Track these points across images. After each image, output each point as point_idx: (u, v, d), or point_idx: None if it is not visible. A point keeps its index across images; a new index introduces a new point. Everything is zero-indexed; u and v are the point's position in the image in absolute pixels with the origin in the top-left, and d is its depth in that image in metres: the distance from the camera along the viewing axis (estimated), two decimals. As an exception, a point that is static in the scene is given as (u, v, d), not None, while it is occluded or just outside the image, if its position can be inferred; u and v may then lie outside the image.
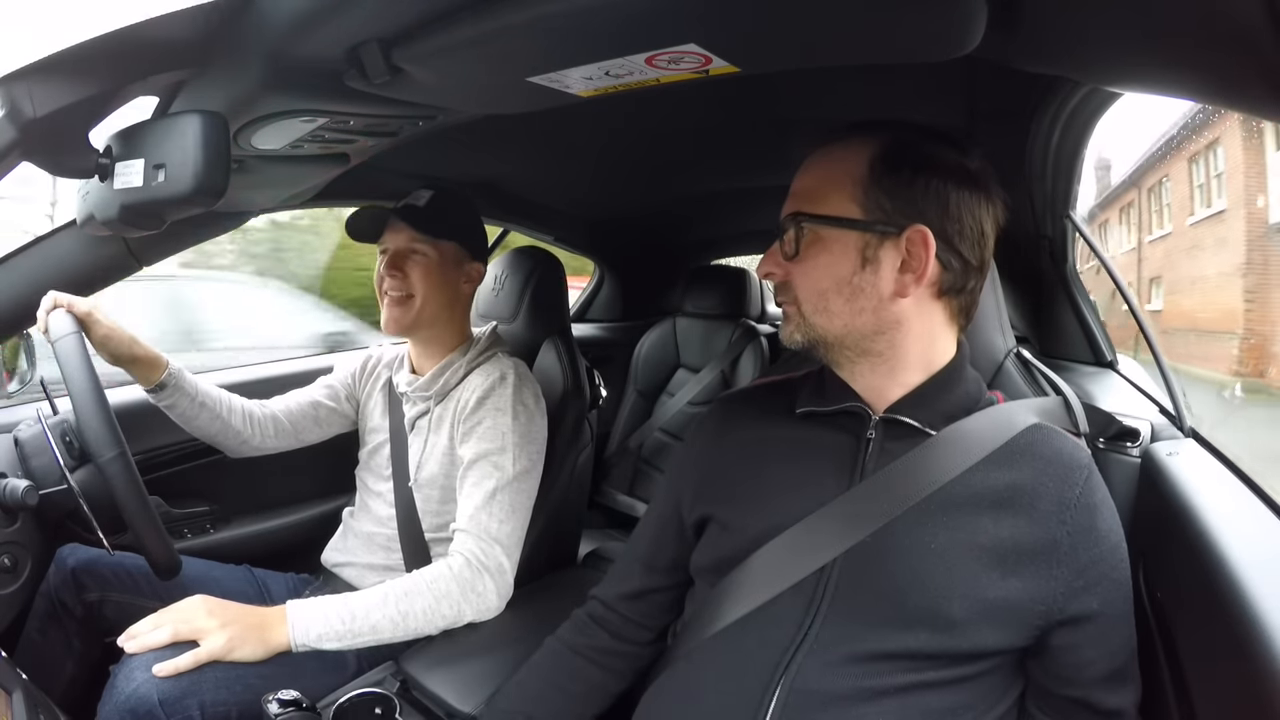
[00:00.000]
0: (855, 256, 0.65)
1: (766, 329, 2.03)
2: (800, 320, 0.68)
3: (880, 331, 0.67)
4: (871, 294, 0.65)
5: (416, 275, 1.09)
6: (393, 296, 1.09)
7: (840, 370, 0.71)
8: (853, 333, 0.67)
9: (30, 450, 1.09)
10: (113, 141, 0.61)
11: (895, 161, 0.65)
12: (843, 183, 0.66)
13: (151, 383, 1.06)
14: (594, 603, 0.84)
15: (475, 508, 1.02)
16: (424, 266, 1.09)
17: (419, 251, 1.09)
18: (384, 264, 1.10)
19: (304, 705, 0.77)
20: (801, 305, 0.68)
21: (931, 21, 0.53)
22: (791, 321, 0.69)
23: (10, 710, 0.62)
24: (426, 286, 1.09)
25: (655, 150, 1.38)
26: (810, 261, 0.67)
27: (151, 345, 1.06)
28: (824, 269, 0.66)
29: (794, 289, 0.68)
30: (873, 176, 0.65)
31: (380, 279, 1.11)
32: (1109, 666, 0.63)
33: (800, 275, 0.67)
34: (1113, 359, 1.17)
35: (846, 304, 0.66)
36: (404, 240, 1.09)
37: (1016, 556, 0.61)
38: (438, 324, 1.13)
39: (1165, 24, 0.44)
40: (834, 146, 0.69)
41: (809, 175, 0.69)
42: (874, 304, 0.66)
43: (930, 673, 0.61)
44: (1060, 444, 0.67)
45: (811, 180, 0.69)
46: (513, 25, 0.53)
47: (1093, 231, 1.13)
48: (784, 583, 0.65)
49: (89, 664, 1.02)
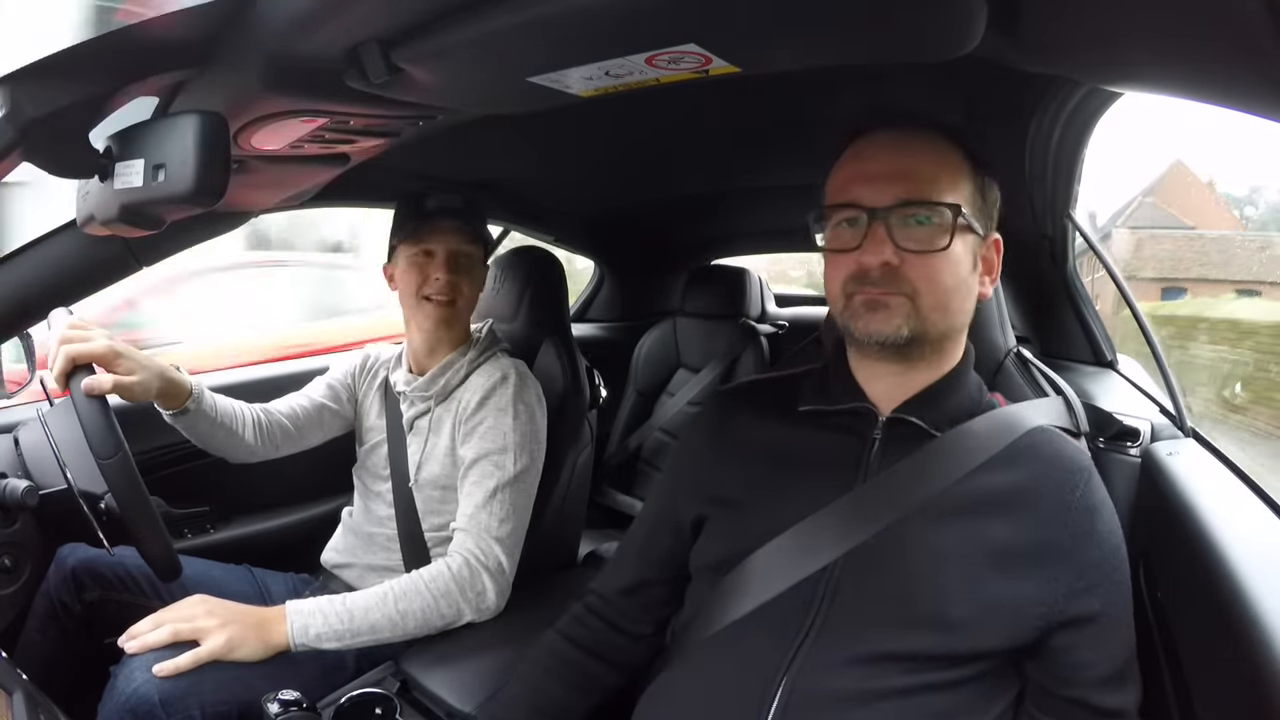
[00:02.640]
0: (972, 256, 0.66)
1: (767, 329, 2.03)
2: (912, 313, 0.64)
3: (962, 330, 0.69)
4: (973, 295, 0.67)
5: (467, 279, 1.11)
6: (442, 299, 1.09)
7: (874, 367, 0.70)
8: (952, 331, 0.68)
9: (30, 450, 1.09)
10: (113, 141, 0.61)
11: (983, 165, 0.67)
12: (959, 178, 0.65)
13: (175, 408, 1.03)
14: (592, 596, 0.85)
15: (475, 507, 1.02)
16: (471, 269, 1.11)
17: (469, 254, 1.11)
18: (436, 266, 1.09)
19: (304, 705, 0.77)
20: (920, 299, 0.63)
21: (931, 21, 0.53)
22: (898, 314, 0.64)
23: (10, 710, 0.62)
24: (471, 288, 1.11)
25: (655, 150, 1.38)
26: (944, 257, 0.63)
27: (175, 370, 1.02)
28: (953, 265, 0.64)
29: (910, 281, 0.63)
30: (975, 176, 0.66)
31: (421, 280, 1.09)
32: (1109, 667, 0.63)
33: (924, 268, 0.63)
34: (1113, 359, 1.17)
35: (962, 302, 0.67)
36: (455, 242, 1.09)
37: (1017, 558, 0.61)
38: (461, 324, 1.15)
39: (1165, 24, 0.44)
40: (926, 135, 0.66)
41: (914, 158, 0.65)
42: (973, 305, 0.68)
43: (931, 674, 0.61)
44: (1061, 446, 0.68)
45: (923, 166, 0.64)
46: (513, 25, 0.53)
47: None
48: (785, 582, 0.65)
49: (89, 664, 1.02)
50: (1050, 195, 1.05)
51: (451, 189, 1.14)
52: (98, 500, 1.01)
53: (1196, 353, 1.86)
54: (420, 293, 1.09)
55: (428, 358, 1.16)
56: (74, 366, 0.89)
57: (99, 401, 0.88)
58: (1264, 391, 1.61)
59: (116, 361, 0.91)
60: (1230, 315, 3.15)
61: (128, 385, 0.92)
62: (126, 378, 0.92)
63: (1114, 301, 1.18)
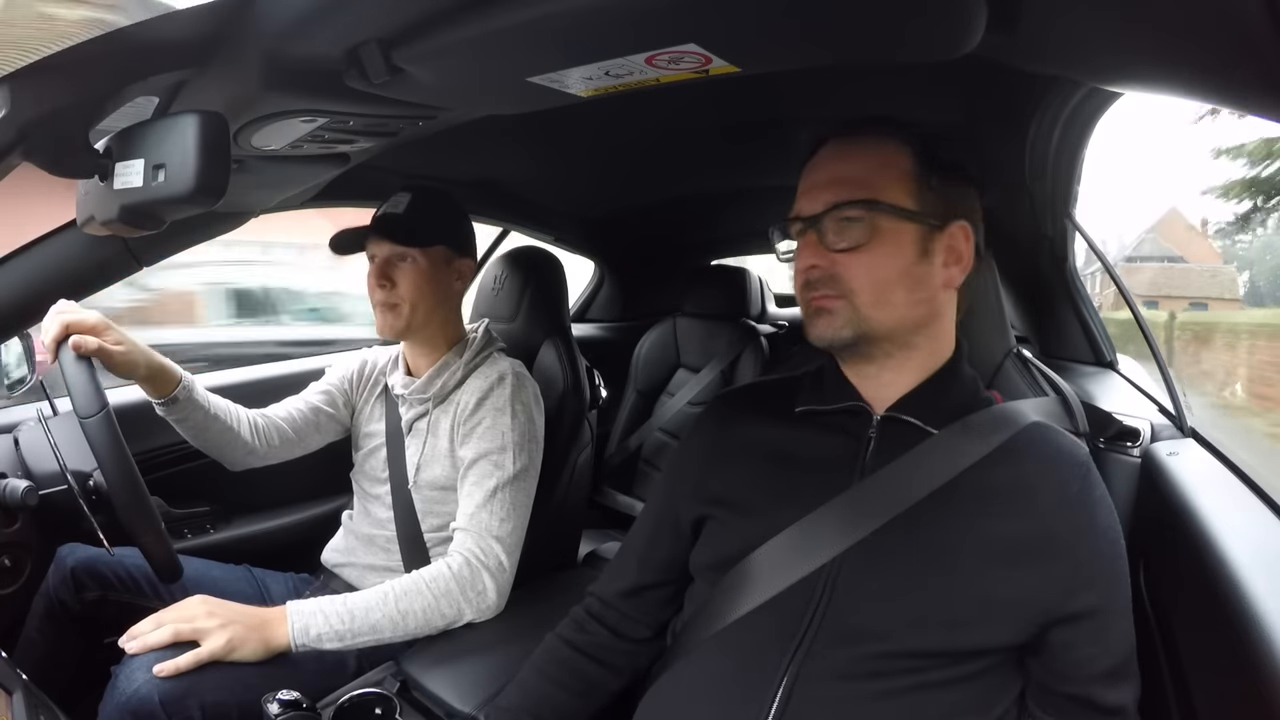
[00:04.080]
0: (915, 247, 0.66)
1: (766, 329, 2.03)
2: (852, 313, 0.65)
3: (927, 324, 0.68)
4: (929, 285, 0.67)
5: (405, 282, 1.08)
6: (383, 304, 1.09)
7: (851, 367, 0.71)
8: (906, 325, 0.67)
9: (30, 450, 1.09)
10: (113, 141, 0.61)
11: (935, 158, 0.67)
12: (894, 173, 0.66)
13: (163, 396, 1.03)
14: (592, 599, 0.84)
15: (475, 506, 1.02)
16: (412, 273, 1.08)
17: (406, 259, 1.08)
18: (372, 273, 1.09)
19: (304, 705, 0.77)
20: (856, 297, 0.65)
21: (931, 21, 0.53)
22: (838, 316, 0.66)
23: (10, 710, 0.62)
24: (415, 292, 1.09)
25: (655, 150, 1.38)
26: (870, 252, 0.65)
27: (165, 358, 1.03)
28: (886, 259, 0.65)
29: (844, 281, 0.65)
30: (920, 170, 0.66)
31: (370, 287, 1.09)
32: (1109, 663, 0.63)
33: (856, 266, 0.65)
34: (1113, 359, 1.17)
35: (907, 294, 0.66)
36: (389, 249, 1.08)
37: (1016, 553, 0.62)
38: (431, 325, 1.13)
39: (1165, 24, 0.44)
40: (866, 139, 0.68)
41: (850, 163, 0.67)
42: (929, 295, 0.67)
43: (932, 672, 0.61)
44: (1059, 441, 0.68)
45: (857, 169, 0.67)
46: (513, 25, 0.53)
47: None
48: (785, 581, 0.65)
49: (89, 664, 1.02)
50: (1050, 195, 1.05)
51: (450, 188, 1.13)
52: (88, 479, 1.02)
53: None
54: (370, 299, 1.10)
55: (415, 358, 1.16)
56: (66, 334, 0.91)
57: (84, 362, 0.90)
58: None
59: (106, 331, 0.94)
60: (1181, 319, 5.19)
61: (112, 352, 0.94)
62: (113, 346, 0.94)
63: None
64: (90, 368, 0.90)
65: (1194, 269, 5.71)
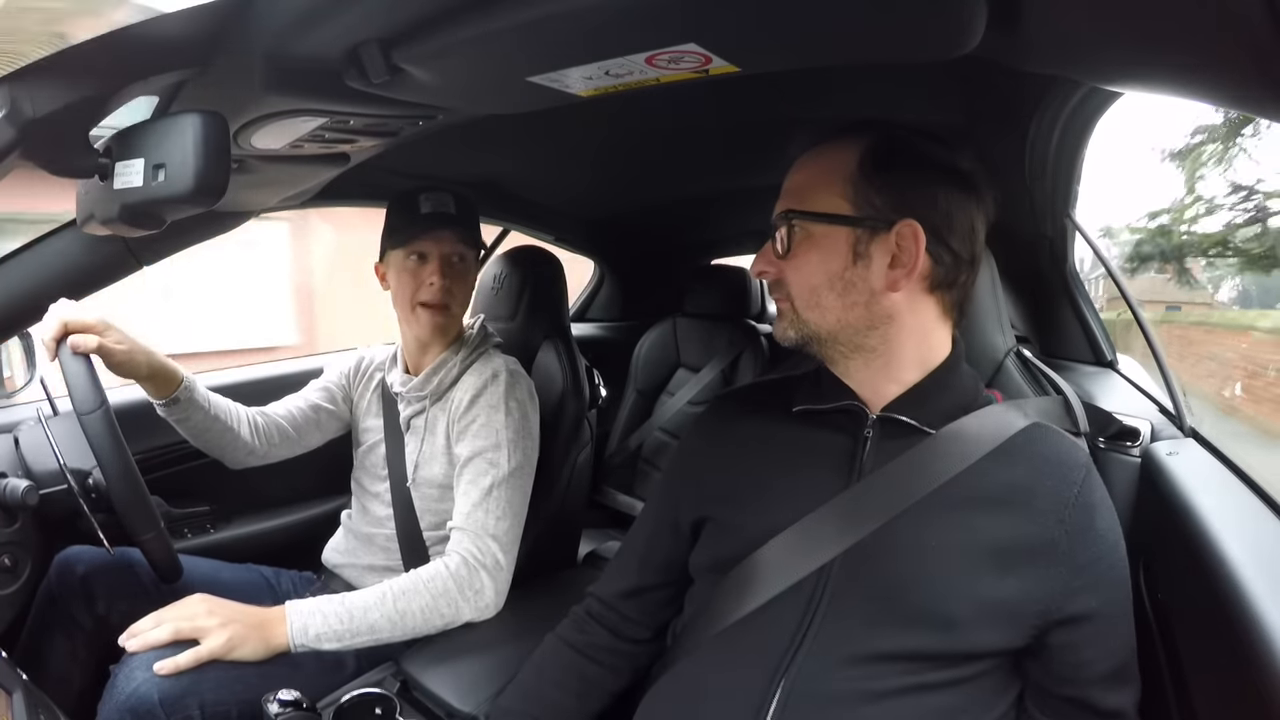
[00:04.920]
0: (846, 251, 0.66)
1: (766, 329, 2.03)
2: (793, 316, 0.69)
3: (873, 326, 0.67)
4: (863, 288, 0.66)
5: (460, 284, 1.11)
6: (436, 304, 1.09)
7: (835, 367, 0.72)
8: (845, 328, 0.67)
9: (30, 450, 1.09)
10: (113, 141, 0.61)
11: (884, 159, 0.66)
12: (832, 180, 0.66)
13: (164, 396, 1.03)
14: (592, 600, 0.84)
15: (472, 505, 1.02)
16: (465, 272, 1.11)
17: (463, 256, 1.10)
18: (430, 270, 1.08)
19: (304, 705, 0.77)
20: (794, 301, 0.69)
21: (931, 21, 0.53)
22: (785, 318, 0.70)
23: (10, 710, 0.62)
24: (467, 291, 1.12)
25: (655, 150, 1.38)
26: (802, 258, 0.67)
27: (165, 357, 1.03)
28: (816, 264, 0.67)
29: (787, 286, 0.69)
30: (862, 173, 0.65)
31: (415, 285, 1.08)
32: (1108, 666, 0.63)
33: (793, 272, 0.68)
34: (1113, 359, 1.17)
35: (838, 298, 0.66)
36: (448, 245, 1.09)
37: (1014, 556, 0.61)
38: (456, 326, 1.15)
39: (1165, 23, 0.44)
40: (825, 146, 0.69)
41: (799, 174, 0.70)
42: (865, 298, 0.66)
43: (929, 674, 0.61)
44: (1058, 443, 0.67)
45: (802, 178, 0.70)
46: (513, 25, 0.53)
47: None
48: (783, 583, 0.65)
49: (89, 664, 1.02)
50: (1050, 195, 1.05)
51: (449, 188, 1.13)
52: (87, 476, 1.02)
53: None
54: (415, 299, 1.09)
55: (421, 357, 1.16)
56: (65, 332, 0.91)
57: (83, 359, 0.90)
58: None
59: (106, 330, 0.94)
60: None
61: (112, 350, 0.94)
62: (113, 345, 0.94)
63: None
64: (89, 365, 0.90)
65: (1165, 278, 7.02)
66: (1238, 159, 5.32)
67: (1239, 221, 5.58)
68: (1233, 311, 7.21)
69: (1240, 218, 5.55)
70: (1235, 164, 5.33)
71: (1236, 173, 5.39)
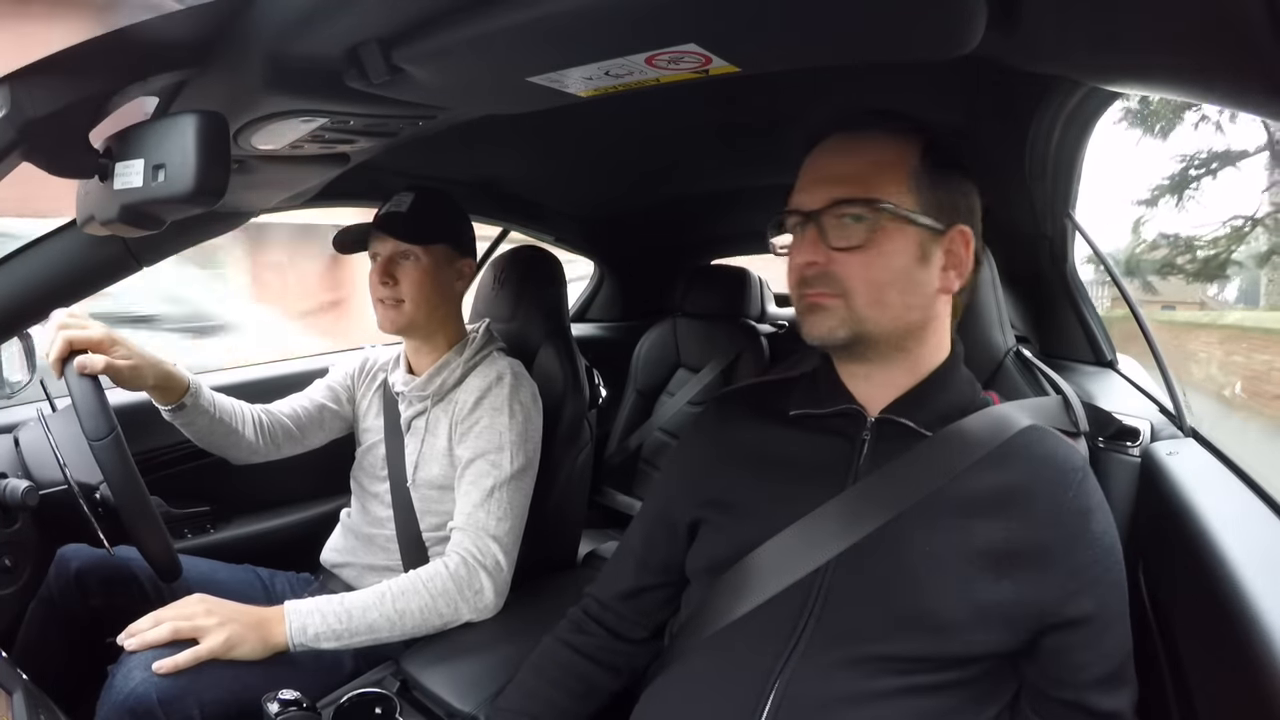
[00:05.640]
0: (915, 250, 0.64)
1: (766, 329, 2.03)
2: (847, 313, 0.64)
3: (921, 328, 0.67)
4: (925, 289, 0.65)
5: (407, 280, 1.09)
6: (385, 302, 1.09)
7: (848, 368, 0.71)
8: (900, 328, 0.66)
9: (30, 450, 1.09)
10: (113, 141, 0.61)
11: (942, 158, 0.65)
12: (897, 173, 0.64)
13: (171, 403, 1.03)
14: (590, 600, 0.84)
15: (473, 506, 1.02)
16: (415, 271, 1.09)
17: (409, 256, 1.09)
18: (375, 270, 1.09)
19: (304, 705, 0.77)
20: (852, 297, 0.64)
21: (931, 21, 0.53)
22: (833, 315, 0.64)
23: (10, 710, 0.62)
24: (417, 291, 1.09)
25: (655, 150, 1.38)
26: (869, 251, 0.63)
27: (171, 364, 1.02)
28: (884, 260, 0.63)
29: (841, 280, 0.64)
30: (924, 170, 0.64)
31: (372, 284, 1.10)
32: (1104, 669, 0.63)
33: (853, 265, 0.63)
34: (1113, 358, 1.17)
35: (901, 298, 0.64)
36: (392, 246, 1.08)
37: (1010, 559, 0.61)
38: (432, 323, 1.13)
39: (1165, 24, 0.44)
40: (873, 134, 0.66)
41: (852, 160, 0.65)
42: (924, 300, 0.66)
43: (924, 676, 0.61)
44: (1055, 446, 0.67)
45: (859, 166, 0.65)
46: (513, 25, 0.53)
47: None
48: (779, 585, 0.65)
49: (89, 664, 1.02)
50: (1050, 195, 1.05)
51: (450, 188, 1.13)
52: (93, 491, 1.01)
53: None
54: (372, 296, 1.10)
55: (416, 356, 1.16)
56: (70, 351, 0.89)
57: (92, 382, 0.88)
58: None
59: (112, 347, 0.93)
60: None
61: (119, 368, 0.93)
62: (120, 361, 0.93)
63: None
64: (98, 386, 0.88)
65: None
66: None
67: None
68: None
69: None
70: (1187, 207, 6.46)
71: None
